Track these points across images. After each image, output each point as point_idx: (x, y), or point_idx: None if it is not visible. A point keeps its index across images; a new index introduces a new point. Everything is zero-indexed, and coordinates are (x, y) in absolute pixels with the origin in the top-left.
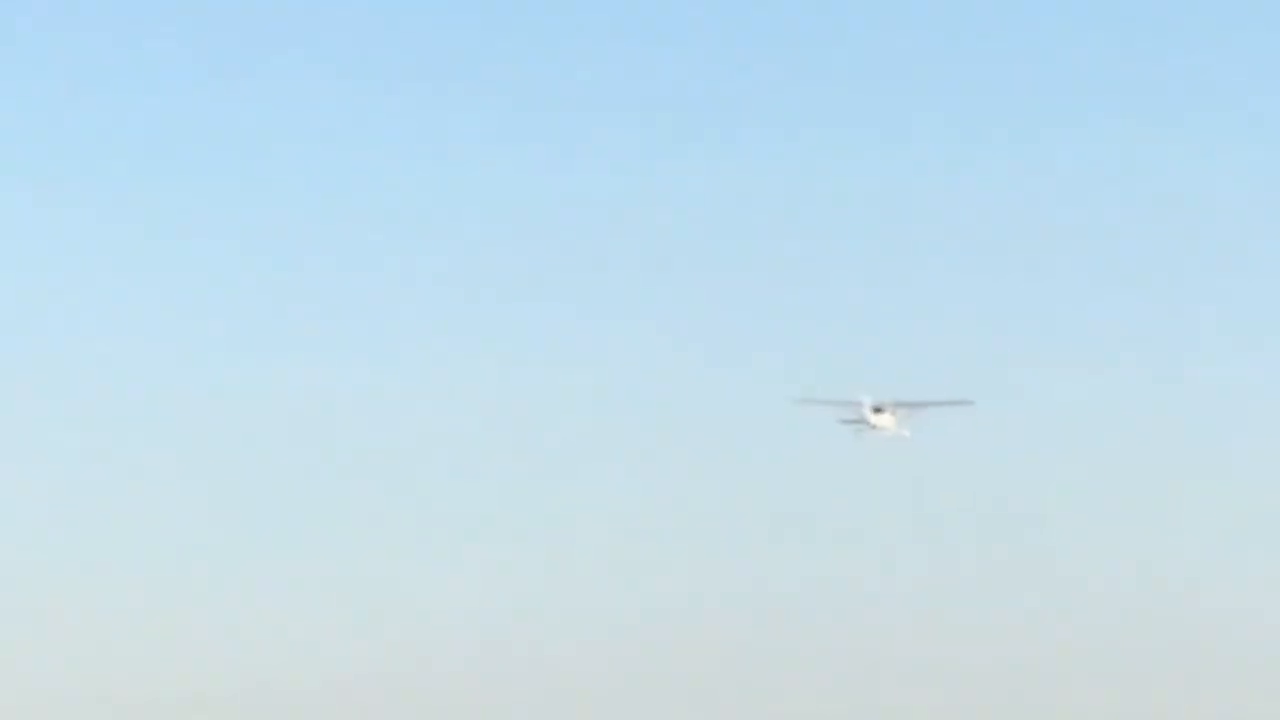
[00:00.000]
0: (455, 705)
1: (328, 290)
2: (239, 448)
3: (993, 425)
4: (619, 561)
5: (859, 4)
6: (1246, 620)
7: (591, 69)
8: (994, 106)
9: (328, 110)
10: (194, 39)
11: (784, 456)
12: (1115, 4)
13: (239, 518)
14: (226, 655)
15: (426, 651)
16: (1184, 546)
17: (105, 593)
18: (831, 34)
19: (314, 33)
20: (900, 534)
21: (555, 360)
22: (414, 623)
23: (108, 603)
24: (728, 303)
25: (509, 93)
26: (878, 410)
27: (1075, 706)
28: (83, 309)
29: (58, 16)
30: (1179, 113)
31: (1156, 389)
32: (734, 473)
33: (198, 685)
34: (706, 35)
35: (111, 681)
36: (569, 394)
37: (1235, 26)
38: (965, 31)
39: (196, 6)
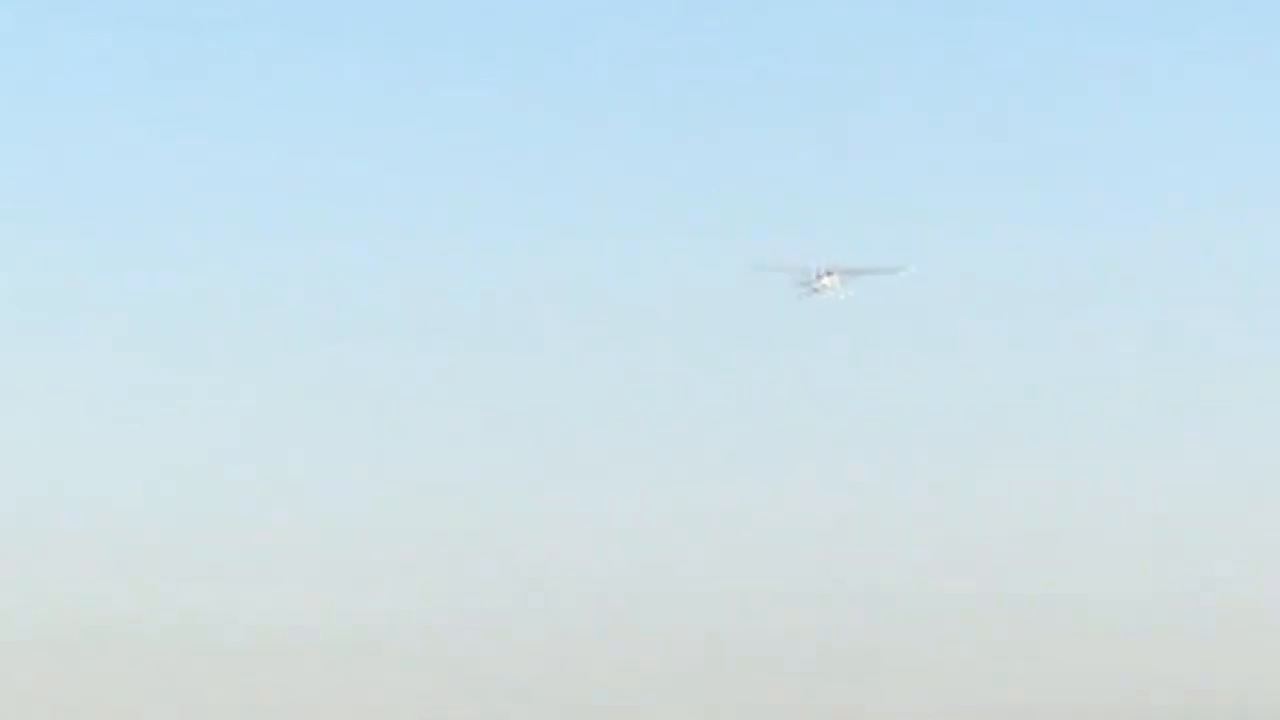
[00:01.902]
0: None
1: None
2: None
3: (920, 289)
4: (586, 430)
5: None
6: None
7: None
8: None
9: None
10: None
11: (738, 319)
12: None
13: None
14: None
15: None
16: (1110, 405)
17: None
18: None
19: None
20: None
21: (510, 236)
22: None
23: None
24: (677, 175)
25: None
26: (822, 275)
27: (1003, 550)
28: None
29: None
30: None
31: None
32: (689, 334)
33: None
34: None
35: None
36: (533, 266)
37: None
38: None
39: None
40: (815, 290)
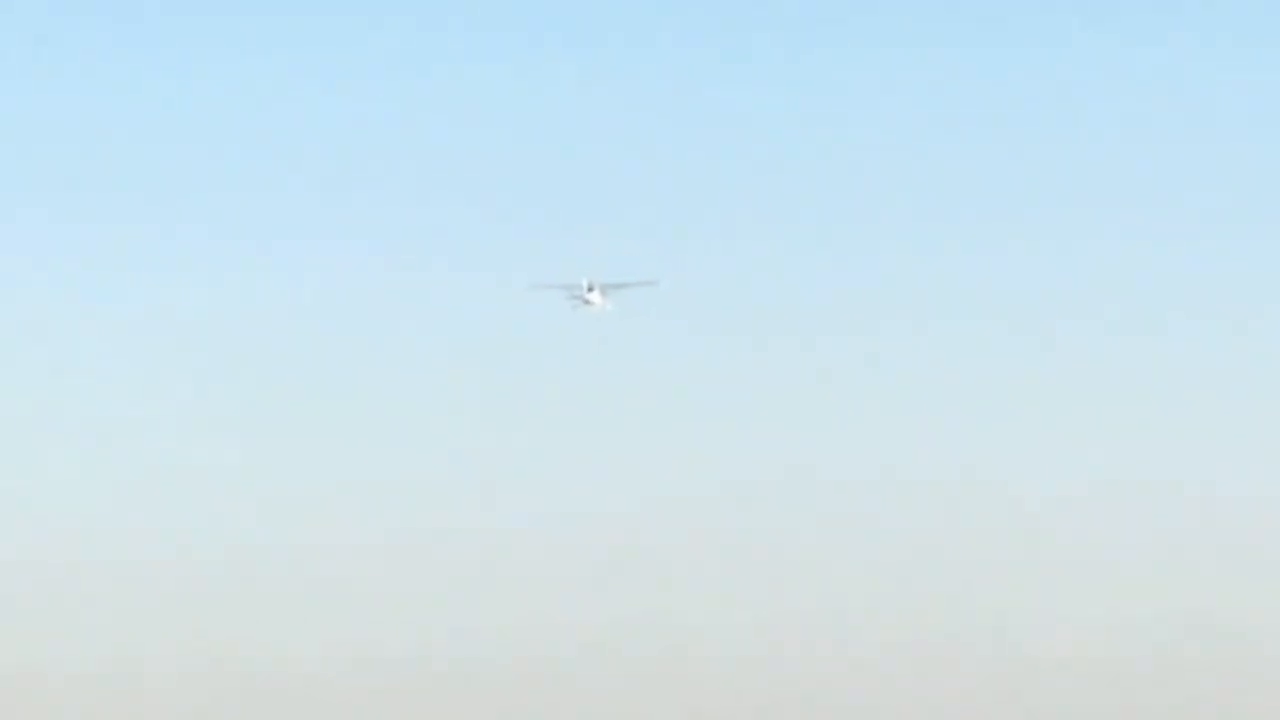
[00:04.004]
0: None
1: None
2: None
3: (675, 302)
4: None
5: None
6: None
7: None
8: None
9: None
10: None
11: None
12: None
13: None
14: None
15: None
16: (861, 410)
17: None
18: None
19: None
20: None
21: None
22: None
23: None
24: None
25: None
26: (590, 289)
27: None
28: None
29: None
30: None
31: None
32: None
33: None
34: None
35: None
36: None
37: None
38: None
39: None
40: (586, 304)
